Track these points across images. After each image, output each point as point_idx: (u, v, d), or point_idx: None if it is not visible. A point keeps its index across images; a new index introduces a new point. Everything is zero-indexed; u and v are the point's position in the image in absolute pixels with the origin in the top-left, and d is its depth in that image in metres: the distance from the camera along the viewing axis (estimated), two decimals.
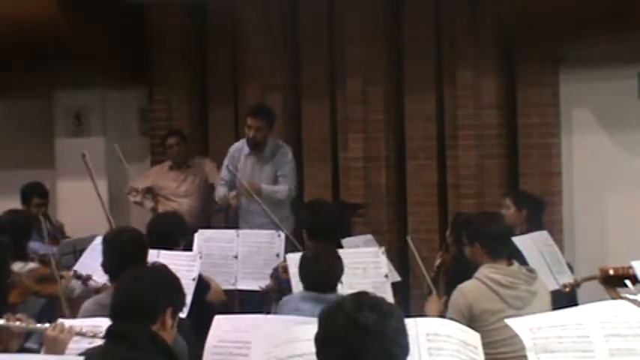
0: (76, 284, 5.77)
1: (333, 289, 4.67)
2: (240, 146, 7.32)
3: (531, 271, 4.73)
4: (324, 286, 4.64)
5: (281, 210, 7.06)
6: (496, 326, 4.36)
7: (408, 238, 6.11)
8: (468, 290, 4.62)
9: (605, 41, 6.76)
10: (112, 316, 3.34)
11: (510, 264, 4.69)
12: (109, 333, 3.30)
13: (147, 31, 8.68)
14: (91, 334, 3.66)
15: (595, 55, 7.08)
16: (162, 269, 3.52)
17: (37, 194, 7.59)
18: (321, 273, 4.69)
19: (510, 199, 6.48)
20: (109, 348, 3.28)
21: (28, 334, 4.21)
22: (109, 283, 4.76)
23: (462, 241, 4.97)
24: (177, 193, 7.87)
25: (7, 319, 3.86)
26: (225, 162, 7.30)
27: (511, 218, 6.13)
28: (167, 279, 3.42)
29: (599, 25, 6.57)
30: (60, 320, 3.85)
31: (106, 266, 4.64)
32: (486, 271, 4.61)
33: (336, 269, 4.74)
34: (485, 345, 4.31)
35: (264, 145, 7.21)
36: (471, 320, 4.47)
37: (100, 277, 5.46)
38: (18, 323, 3.85)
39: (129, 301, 3.29)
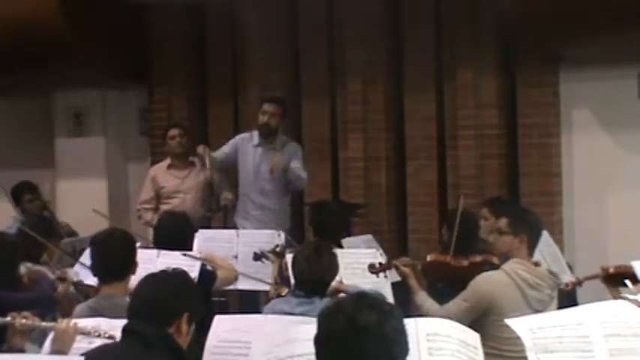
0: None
1: (326, 289, 4.48)
2: (249, 137, 7.34)
3: (556, 276, 4.77)
4: (320, 284, 4.45)
5: (283, 219, 7.16)
6: None
7: (461, 197, 5.92)
8: (495, 280, 4.63)
9: (605, 41, 6.76)
10: (129, 316, 3.40)
11: (537, 264, 4.73)
12: (125, 331, 3.36)
13: (147, 31, 8.67)
14: (96, 334, 3.70)
15: (595, 55, 7.08)
16: (183, 275, 3.56)
17: (25, 190, 7.64)
18: (321, 270, 4.48)
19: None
20: (124, 345, 3.35)
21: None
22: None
23: (501, 229, 4.76)
24: (180, 189, 7.74)
25: (13, 317, 3.89)
26: (225, 148, 7.39)
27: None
28: (186, 285, 3.49)
29: (599, 25, 6.57)
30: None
31: (95, 268, 4.56)
32: (516, 267, 4.62)
33: (335, 267, 4.59)
34: (493, 339, 4.31)
35: (274, 135, 7.23)
36: (487, 311, 4.50)
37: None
38: (24, 321, 3.88)
39: (146, 303, 3.36)
